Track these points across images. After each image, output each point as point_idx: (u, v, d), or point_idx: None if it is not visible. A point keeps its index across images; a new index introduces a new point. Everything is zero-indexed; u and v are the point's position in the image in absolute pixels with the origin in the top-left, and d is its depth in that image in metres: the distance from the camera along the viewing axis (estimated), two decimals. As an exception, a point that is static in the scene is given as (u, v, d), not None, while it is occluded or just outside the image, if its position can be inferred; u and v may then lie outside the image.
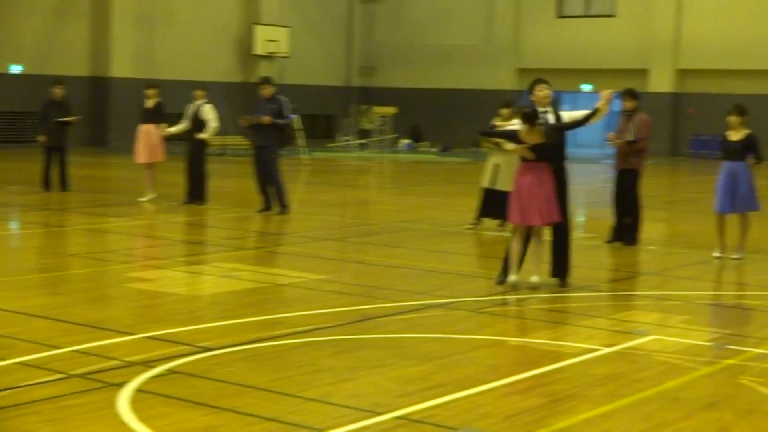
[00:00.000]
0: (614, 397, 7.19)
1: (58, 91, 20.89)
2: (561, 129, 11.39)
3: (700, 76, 39.61)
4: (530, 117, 11.21)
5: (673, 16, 39.70)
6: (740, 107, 13.85)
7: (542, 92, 11.60)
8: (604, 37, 41.16)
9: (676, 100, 40.07)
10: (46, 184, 20.64)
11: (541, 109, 11.54)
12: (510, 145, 11.78)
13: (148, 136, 19.29)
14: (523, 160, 11.29)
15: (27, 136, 34.00)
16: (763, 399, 7.30)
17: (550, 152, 11.28)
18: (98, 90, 36.17)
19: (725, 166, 13.79)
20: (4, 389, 6.96)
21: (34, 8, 34.83)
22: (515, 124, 11.55)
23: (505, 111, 16.00)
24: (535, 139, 11.13)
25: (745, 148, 13.60)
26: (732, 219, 13.92)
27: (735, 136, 13.73)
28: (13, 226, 16.74)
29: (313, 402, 6.90)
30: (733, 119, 13.71)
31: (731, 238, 13.83)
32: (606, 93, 11.37)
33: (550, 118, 11.49)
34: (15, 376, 7.29)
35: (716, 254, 13.85)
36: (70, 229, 16.25)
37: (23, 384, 7.10)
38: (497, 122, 16.05)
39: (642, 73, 39.88)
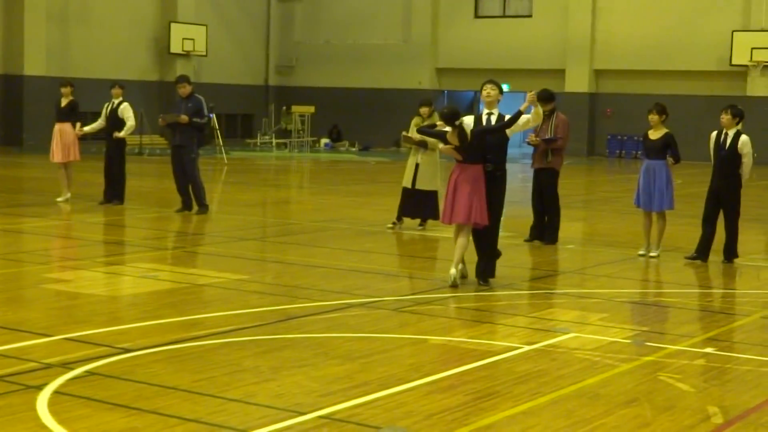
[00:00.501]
0: (536, 395, 7.24)
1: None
2: (485, 132, 11.40)
3: (616, 76, 40.12)
4: (447, 117, 11.26)
5: (589, 17, 40.15)
6: (660, 106, 14.07)
7: (485, 92, 11.60)
8: (522, 37, 41.50)
9: (592, 99, 40.55)
10: (-41, 184, 20.28)
11: (486, 111, 11.56)
12: (441, 146, 11.83)
13: (63, 135, 19.01)
14: (456, 160, 11.36)
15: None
16: (682, 395, 7.41)
17: (481, 153, 11.31)
18: (11, 88, 35.61)
19: (645, 163, 14.01)
20: None
21: (-54, 5, 34.21)
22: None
23: (424, 110, 16.05)
24: (455, 140, 11.18)
25: (665, 147, 13.81)
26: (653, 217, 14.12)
27: (655, 134, 13.93)
28: (-75, 226, 16.41)
29: (236, 402, 6.85)
30: (654, 118, 13.92)
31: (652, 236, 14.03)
32: (529, 95, 11.43)
33: (493, 120, 11.50)
34: (-71, 380, 7.15)
35: (641, 252, 14.04)
36: (-16, 230, 15.97)
37: (-62, 387, 6.97)
38: (417, 121, 16.11)
39: (559, 73, 40.28)
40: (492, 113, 11.54)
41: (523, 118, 11.44)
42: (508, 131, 11.49)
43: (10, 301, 10.28)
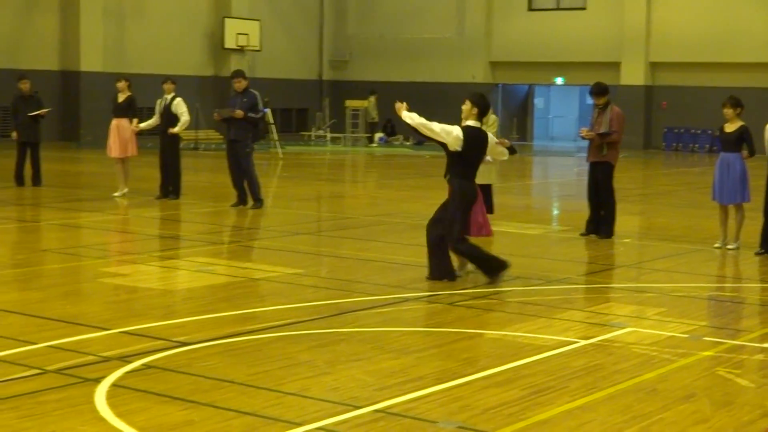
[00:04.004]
0: (592, 390, 7.20)
1: (24, 86, 20.75)
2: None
3: (672, 68, 39.74)
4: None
5: (644, 8, 39.78)
6: (734, 99, 13.90)
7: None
8: (576, 30, 41.23)
9: (648, 92, 40.20)
10: (19, 180, 20.52)
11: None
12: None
13: (120, 131, 19.18)
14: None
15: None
16: (741, 390, 7.33)
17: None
18: (69, 84, 35.96)
19: (720, 156, 13.91)
20: (-20, 385, 6.91)
21: (3, 2, 34.58)
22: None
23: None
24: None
25: (739, 140, 13.70)
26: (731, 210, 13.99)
27: (730, 127, 13.83)
28: (-15, 221, 16.61)
29: (291, 396, 6.87)
30: (728, 111, 13.79)
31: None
32: (396, 105, 11.39)
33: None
34: (-10, 372, 7.24)
35: (717, 244, 13.93)
36: (43, 225, 16.16)
37: (-1, 380, 7.05)
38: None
39: (614, 66, 39.98)
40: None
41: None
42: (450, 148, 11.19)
43: (69, 294, 10.38)
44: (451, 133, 11.05)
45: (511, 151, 12.09)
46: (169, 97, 18.69)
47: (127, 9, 37.92)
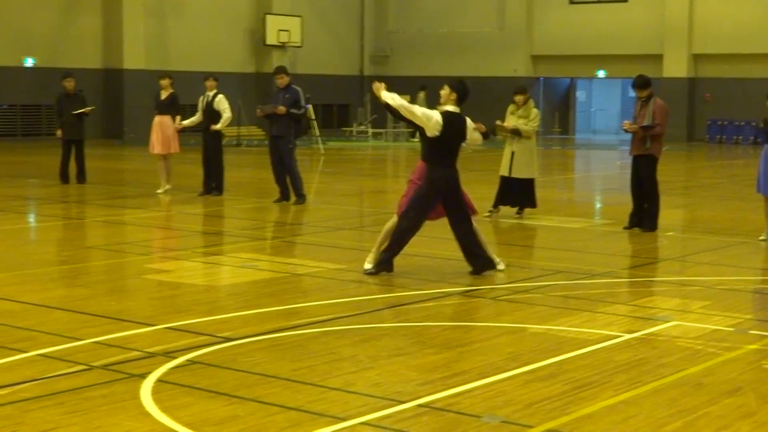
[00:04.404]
0: (637, 384, 7.16)
1: (68, 84, 20.91)
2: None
3: (716, 60, 39.44)
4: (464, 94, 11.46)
5: (687, 0, 39.51)
6: None
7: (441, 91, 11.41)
8: (617, 22, 41.01)
9: (691, 85, 39.92)
10: (64, 177, 20.69)
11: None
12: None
13: (163, 128, 19.30)
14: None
15: (43, 129, 34.17)
16: (787, 383, 7.27)
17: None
18: (112, 82, 36.23)
19: (765, 148, 13.80)
20: (27, 381, 6.98)
21: (47, 2, 34.87)
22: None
23: (518, 98, 15.97)
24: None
25: None
26: None
27: None
28: (32, 218, 16.77)
29: (335, 391, 6.89)
30: None
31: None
32: (374, 85, 11.34)
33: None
34: (37, 368, 7.31)
35: (762, 237, 13.84)
36: (88, 221, 16.29)
37: (46, 376, 7.11)
38: (512, 109, 16.05)
39: (656, 58, 39.73)
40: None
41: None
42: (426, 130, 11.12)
43: (114, 291, 10.46)
44: (431, 119, 11.00)
45: (485, 136, 12.00)
46: (211, 94, 18.77)
47: (169, 7, 38.12)
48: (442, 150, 11.14)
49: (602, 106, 49.23)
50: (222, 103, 18.67)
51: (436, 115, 10.98)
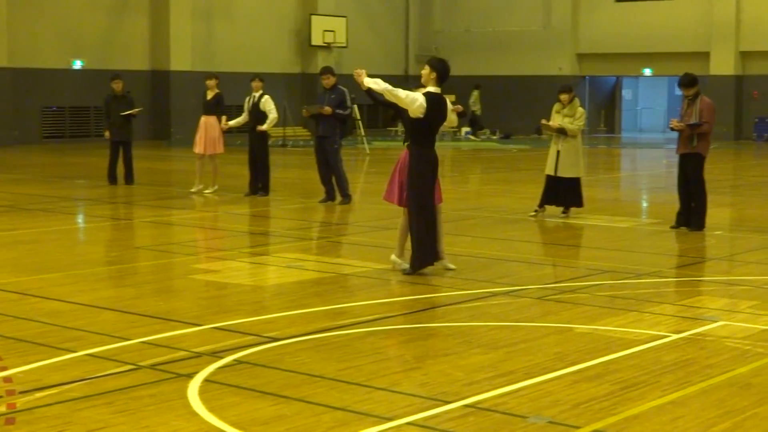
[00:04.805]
0: (684, 384, 7.12)
1: (117, 86, 21.06)
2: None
3: (763, 57, 39.06)
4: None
5: (734, -3, 39.23)
6: None
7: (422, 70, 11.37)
8: (664, 20, 40.73)
9: (739, 82, 39.58)
10: (112, 178, 20.86)
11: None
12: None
13: (209, 128, 19.41)
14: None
15: (92, 130, 34.47)
16: (837, 384, 7.19)
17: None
18: (159, 84, 36.47)
19: None
20: (76, 380, 7.04)
21: (95, 3, 35.18)
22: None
23: (564, 96, 15.91)
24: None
25: None
26: None
27: None
28: (81, 219, 16.93)
29: (381, 391, 6.90)
30: None
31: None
32: (355, 72, 11.33)
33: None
34: (86, 368, 7.38)
35: None
36: (136, 222, 16.42)
37: (94, 375, 7.18)
38: (557, 108, 15.99)
39: (703, 56, 39.44)
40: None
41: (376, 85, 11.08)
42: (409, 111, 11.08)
43: (161, 291, 10.54)
44: (416, 101, 11.00)
45: (461, 115, 12.04)
46: (257, 94, 18.84)
47: (216, 9, 38.33)
48: (424, 131, 11.18)
49: (648, 104, 48.93)
50: (268, 104, 18.73)
51: (420, 98, 11.02)
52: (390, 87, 11.07)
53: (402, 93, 11.05)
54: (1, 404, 6.54)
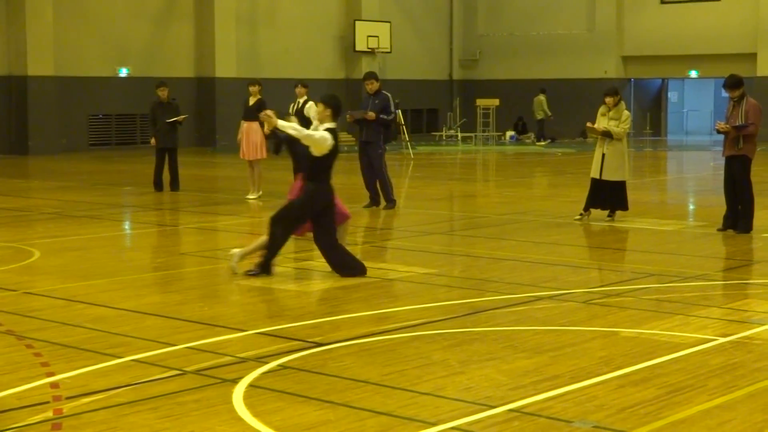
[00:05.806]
0: (732, 388, 7.05)
1: (162, 93, 21.20)
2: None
3: (811, 58, 38.69)
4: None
5: (781, -3, 38.86)
6: None
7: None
8: (710, 21, 40.44)
9: (786, 83, 39.19)
10: (158, 185, 20.99)
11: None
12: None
13: (251, 134, 19.49)
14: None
15: (138, 137, 34.73)
16: None
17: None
18: (204, 90, 36.67)
19: None
20: (122, 386, 7.09)
21: (140, 12, 35.43)
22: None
23: (609, 99, 15.82)
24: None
25: None
26: None
27: None
28: (127, 226, 17.05)
29: (426, 396, 6.89)
30: None
31: None
32: (263, 116, 11.48)
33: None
34: (132, 373, 7.42)
35: None
36: (181, 228, 16.51)
37: (140, 381, 7.22)
38: (602, 111, 15.91)
39: (750, 57, 39.09)
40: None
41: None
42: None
43: (206, 297, 10.58)
44: (327, 140, 11.22)
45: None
46: (301, 100, 18.89)
47: (260, 15, 38.48)
48: (324, 167, 11.36)
49: (695, 106, 48.57)
50: (312, 110, 18.76)
51: (329, 137, 11.21)
52: (305, 131, 11.28)
53: (317, 135, 11.30)
54: (48, 410, 6.60)
